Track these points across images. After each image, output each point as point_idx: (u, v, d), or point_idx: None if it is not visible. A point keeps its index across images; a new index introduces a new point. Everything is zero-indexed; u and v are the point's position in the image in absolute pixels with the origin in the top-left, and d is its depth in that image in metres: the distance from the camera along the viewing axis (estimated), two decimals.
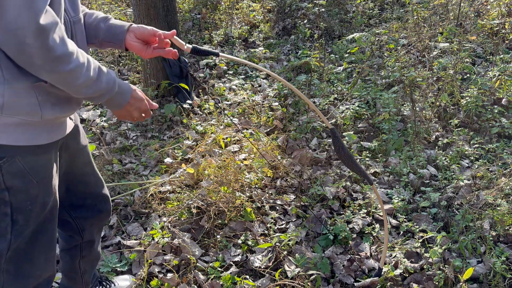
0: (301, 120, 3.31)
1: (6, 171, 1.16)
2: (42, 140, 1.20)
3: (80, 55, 1.12)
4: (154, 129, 3.45)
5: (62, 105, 1.20)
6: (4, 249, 1.25)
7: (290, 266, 2.06)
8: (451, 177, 2.65)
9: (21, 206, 1.22)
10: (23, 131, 1.14)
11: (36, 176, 1.22)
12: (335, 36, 5.20)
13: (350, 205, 2.47)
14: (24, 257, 1.31)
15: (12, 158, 1.15)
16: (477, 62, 4.07)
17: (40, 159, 1.22)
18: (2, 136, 1.12)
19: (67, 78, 1.10)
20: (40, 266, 1.37)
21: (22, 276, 1.33)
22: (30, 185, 1.21)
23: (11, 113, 1.10)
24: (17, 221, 1.23)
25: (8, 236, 1.23)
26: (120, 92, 1.26)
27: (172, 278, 1.99)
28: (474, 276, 1.97)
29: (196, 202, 2.43)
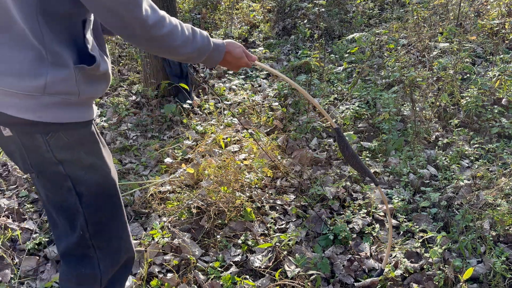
0: (301, 120, 3.31)
1: (54, 146, 1.23)
2: (80, 117, 1.26)
3: (172, 19, 1.23)
4: (154, 129, 3.45)
5: (95, 85, 1.27)
6: (83, 223, 1.34)
7: (290, 266, 2.06)
8: (451, 177, 2.65)
9: (78, 176, 1.30)
10: (63, 109, 1.21)
11: (83, 147, 1.29)
12: (335, 36, 5.20)
13: (350, 205, 2.47)
14: (108, 230, 1.42)
15: (56, 133, 1.22)
16: (477, 62, 4.07)
17: (82, 132, 1.29)
18: (45, 115, 1.18)
19: (165, 41, 1.21)
20: (127, 240, 1.49)
21: (114, 250, 1.45)
22: (80, 156, 1.29)
23: (52, 92, 1.16)
24: (81, 193, 1.32)
25: (81, 209, 1.33)
26: (216, 48, 1.38)
27: (172, 278, 1.99)
28: (474, 276, 1.97)
29: (196, 202, 2.43)
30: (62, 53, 1.15)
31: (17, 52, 1.12)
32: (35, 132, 1.20)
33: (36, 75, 1.13)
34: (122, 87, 4.12)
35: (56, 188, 1.30)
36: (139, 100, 3.85)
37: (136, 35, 1.16)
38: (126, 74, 4.41)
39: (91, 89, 1.26)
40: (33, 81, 1.13)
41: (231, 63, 1.50)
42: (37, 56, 1.12)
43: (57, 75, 1.15)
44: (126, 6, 1.09)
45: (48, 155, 1.24)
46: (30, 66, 1.12)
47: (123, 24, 1.13)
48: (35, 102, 1.16)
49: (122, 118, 3.59)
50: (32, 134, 1.21)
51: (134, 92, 3.99)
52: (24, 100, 1.15)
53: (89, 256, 1.40)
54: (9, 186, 2.74)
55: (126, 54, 4.59)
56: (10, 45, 1.11)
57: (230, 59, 1.48)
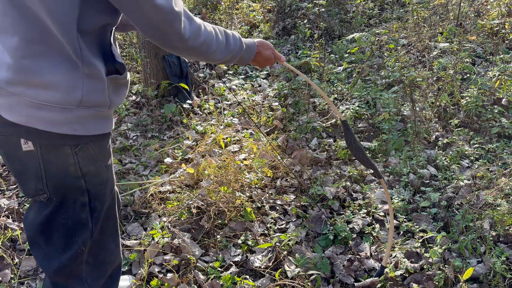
0: (301, 120, 3.30)
1: (81, 158, 1.23)
2: (107, 128, 1.28)
3: (207, 26, 1.27)
4: (154, 129, 3.45)
5: (121, 94, 1.29)
6: (87, 238, 1.33)
7: (290, 266, 2.06)
8: (451, 177, 2.65)
9: (97, 191, 1.30)
10: (95, 121, 1.21)
11: (104, 160, 1.30)
12: (335, 36, 5.20)
13: (350, 205, 2.47)
14: (98, 245, 1.40)
15: (86, 145, 1.22)
16: (477, 62, 4.07)
17: (105, 144, 1.30)
18: (79, 128, 1.18)
19: (202, 50, 1.25)
20: (113, 252, 1.47)
21: (100, 264, 1.43)
22: (101, 170, 1.30)
23: (87, 105, 1.16)
24: (95, 208, 1.32)
25: (90, 225, 1.32)
26: (247, 49, 1.44)
27: (172, 278, 1.99)
28: (474, 276, 1.97)
29: (196, 202, 2.43)
30: (96, 65, 1.15)
31: (54, 65, 1.10)
32: (64, 145, 1.18)
33: (73, 88, 1.12)
34: None
35: (68, 205, 1.27)
36: (139, 100, 3.86)
37: (175, 47, 1.20)
38: None
39: (118, 98, 1.28)
40: (70, 94, 1.12)
41: (259, 62, 1.56)
42: (74, 69, 1.11)
43: (93, 87, 1.15)
44: (169, 22, 1.12)
45: (73, 168, 1.22)
46: (67, 79, 1.11)
47: (164, 37, 1.16)
48: (70, 115, 1.14)
49: (122, 118, 3.59)
50: (59, 148, 1.19)
51: (134, 92, 3.99)
52: (59, 114, 1.13)
53: (79, 272, 1.37)
54: (9, 186, 2.74)
55: (126, 54, 4.59)
56: (46, 57, 1.10)
57: (259, 59, 1.54)
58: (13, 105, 1.12)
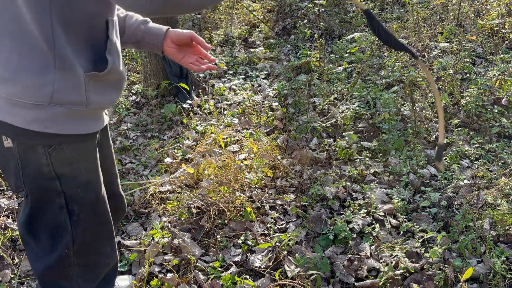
0: (301, 120, 3.30)
1: (55, 159, 1.18)
2: (87, 129, 1.21)
3: None
4: (154, 129, 3.45)
5: (107, 94, 1.21)
6: (69, 242, 1.28)
7: (290, 266, 2.06)
8: (451, 177, 2.65)
9: (73, 194, 1.24)
10: (69, 120, 1.15)
11: (84, 163, 1.24)
12: (335, 36, 5.20)
13: (350, 205, 2.47)
14: (91, 249, 1.36)
15: (60, 145, 1.17)
16: (477, 62, 4.07)
17: (86, 146, 1.23)
18: (51, 125, 1.13)
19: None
20: (108, 255, 1.43)
21: (93, 267, 1.39)
22: (79, 172, 1.23)
23: (59, 102, 1.10)
24: (73, 211, 1.26)
25: (69, 228, 1.27)
26: None
27: (172, 278, 1.99)
28: (474, 276, 1.97)
29: (196, 202, 2.43)
30: (72, 58, 1.08)
31: (25, 59, 1.06)
32: (37, 144, 1.15)
33: (43, 83, 1.07)
34: None
35: (46, 206, 1.24)
36: (139, 100, 3.86)
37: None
38: (126, 74, 4.40)
39: (102, 98, 1.19)
40: (40, 90, 1.07)
41: None
42: (45, 63, 1.06)
43: (65, 83, 1.09)
44: None
45: (47, 169, 1.18)
46: (37, 74, 1.06)
47: None
48: (42, 112, 1.10)
49: (122, 118, 3.59)
50: (33, 147, 1.15)
51: (134, 92, 3.99)
52: (31, 110, 1.10)
53: (68, 274, 1.34)
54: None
55: (126, 54, 4.59)
56: (19, 51, 1.05)
57: None
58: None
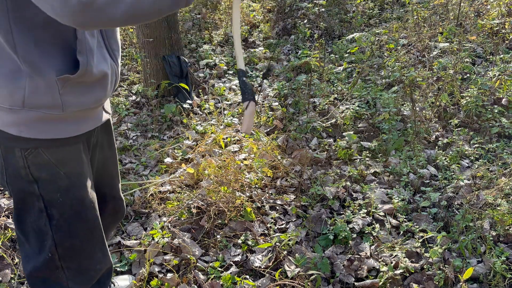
0: (301, 120, 3.30)
1: (31, 163, 1.16)
2: (66, 133, 1.18)
3: None
4: (154, 129, 3.45)
5: (87, 95, 1.17)
6: (52, 245, 1.27)
7: (290, 266, 2.06)
8: (451, 177, 2.65)
9: (52, 198, 1.22)
10: (45, 124, 1.13)
11: (63, 167, 1.21)
12: (335, 36, 5.20)
13: (350, 205, 2.46)
14: (80, 253, 1.34)
15: (36, 149, 1.15)
16: (477, 62, 4.07)
17: (67, 150, 1.21)
18: (25, 130, 1.12)
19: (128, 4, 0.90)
20: (99, 260, 1.41)
21: (84, 271, 1.37)
22: (58, 177, 1.21)
23: (32, 106, 1.09)
24: (52, 216, 1.24)
25: (50, 232, 1.25)
26: None
27: (172, 278, 1.99)
28: (474, 276, 1.97)
29: (196, 202, 2.43)
30: (40, 63, 1.06)
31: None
32: (15, 146, 1.15)
33: (14, 88, 1.06)
34: (122, 87, 4.12)
35: (27, 207, 1.23)
36: (139, 100, 3.86)
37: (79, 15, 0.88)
38: (126, 74, 4.41)
39: (83, 99, 1.16)
40: (12, 94, 1.07)
41: None
42: (15, 68, 1.05)
43: (36, 87, 1.07)
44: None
45: (24, 171, 1.17)
46: (8, 78, 1.05)
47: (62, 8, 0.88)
48: (16, 116, 1.10)
49: (122, 118, 3.59)
50: (12, 148, 1.15)
51: (134, 92, 3.99)
52: (6, 114, 1.10)
53: (57, 276, 1.32)
54: None
55: (126, 54, 4.59)
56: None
57: None
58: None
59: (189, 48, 4.94)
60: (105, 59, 1.20)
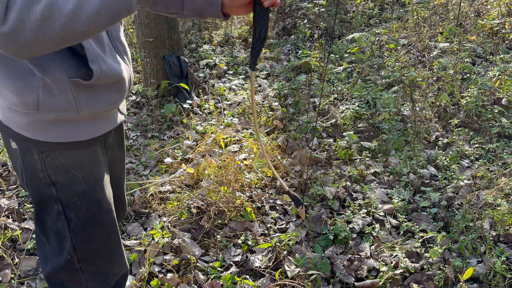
0: (301, 120, 3.30)
1: (49, 166, 1.17)
2: (82, 136, 1.18)
3: None
4: (154, 129, 3.45)
5: (102, 99, 1.16)
6: (70, 248, 1.28)
7: (290, 266, 2.06)
8: (451, 177, 2.65)
9: (70, 201, 1.23)
10: (60, 127, 1.13)
11: (81, 170, 1.21)
12: (335, 36, 5.20)
13: (350, 205, 2.46)
14: (99, 257, 1.36)
15: (53, 152, 1.16)
16: (477, 62, 4.07)
17: (84, 153, 1.21)
18: (39, 133, 1.13)
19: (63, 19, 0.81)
20: (117, 263, 1.42)
21: (103, 274, 1.39)
22: (75, 180, 1.21)
23: (47, 109, 1.09)
24: (70, 219, 1.24)
25: (68, 235, 1.26)
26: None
27: (172, 278, 1.99)
28: (474, 276, 1.97)
29: (196, 202, 2.43)
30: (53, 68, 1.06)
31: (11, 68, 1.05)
32: (33, 149, 1.15)
33: (29, 92, 1.07)
34: None
35: (46, 209, 1.24)
36: (139, 100, 3.85)
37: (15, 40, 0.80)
38: None
39: (98, 103, 1.16)
40: (26, 98, 1.07)
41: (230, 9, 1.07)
42: (27, 72, 1.06)
43: (51, 90, 1.08)
44: None
45: (42, 174, 1.18)
46: (23, 82, 1.06)
47: None
48: (31, 120, 1.11)
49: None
50: (30, 151, 1.16)
51: (134, 92, 3.99)
52: (22, 118, 1.11)
53: (77, 278, 1.33)
54: (9, 186, 2.74)
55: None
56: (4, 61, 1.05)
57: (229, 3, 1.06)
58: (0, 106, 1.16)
59: (189, 48, 4.94)
60: (118, 63, 1.19)
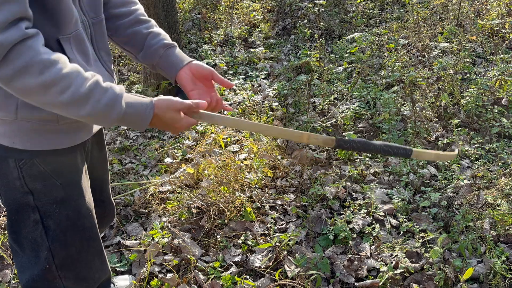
0: (301, 120, 3.30)
1: (26, 174, 1.14)
2: (62, 144, 1.16)
3: (67, 66, 0.97)
4: (154, 129, 3.45)
5: None
6: (49, 257, 1.24)
7: (290, 266, 2.06)
8: (451, 177, 2.65)
9: (48, 210, 1.20)
10: (39, 136, 1.12)
11: (60, 178, 1.19)
12: (335, 36, 5.20)
13: (350, 205, 2.46)
14: (80, 263, 1.32)
15: (30, 160, 1.13)
16: (477, 62, 4.07)
17: (63, 160, 1.19)
18: (18, 141, 1.11)
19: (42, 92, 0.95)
20: (98, 269, 1.38)
21: (82, 280, 1.35)
22: (54, 188, 1.19)
23: (25, 117, 1.08)
24: (49, 227, 1.21)
25: (46, 243, 1.23)
26: (133, 112, 1.08)
27: (172, 278, 1.99)
28: (474, 276, 1.97)
29: (196, 202, 2.43)
30: None
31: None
32: (8, 157, 1.13)
33: (6, 100, 1.05)
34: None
35: (23, 219, 1.21)
36: None
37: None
38: (126, 74, 4.41)
39: None
40: (5, 105, 1.06)
41: (159, 126, 1.17)
42: None
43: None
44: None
45: (18, 182, 1.15)
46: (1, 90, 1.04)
47: None
48: (8, 128, 1.09)
49: None
50: (6, 159, 1.13)
51: (134, 92, 3.99)
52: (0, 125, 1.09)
53: (55, 286, 1.30)
54: None
55: (126, 54, 4.58)
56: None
57: (157, 123, 1.15)
58: None
59: (189, 48, 4.94)
60: (102, 74, 1.19)
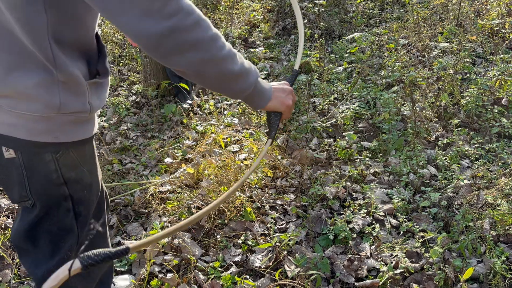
0: (301, 120, 3.30)
1: (62, 164, 1.20)
2: (89, 133, 1.24)
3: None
4: (154, 129, 3.45)
5: (102, 96, 1.25)
6: (74, 243, 1.30)
7: (290, 266, 2.06)
8: (451, 177, 2.65)
9: (80, 196, 1.27)
10: (76, 127, 1.19)
11: (86, 165, 1.27)
12: (335, 36, 5.20)
13: (350, 205, 2.46)
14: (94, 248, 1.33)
15: (66, 151, 1.19)
16: (477, 62, 4.07)
17: (87, 149, 1.27)
18: (60, 135, 1.16)
19: (222, 65, 1.04)
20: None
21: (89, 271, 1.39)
22: (83, 175, 1.26)
23: (67, 111, 1.13)
24: (80, 213, 1.29)
25: (75, 229, 1.29)
26: (261, 90, 1.21)
27: (172, 278, 1.99)
28: (474, 276, 1.97)
29: (196, 202, 2.43)
30: (74, 71, 1.10)
31: (26, 74, 1.06)
32: (44, 152, 1.16)
33: (49, 96, 1.08)
34: (122, 87, 4.12)
35: (53, 211, 1.25)
36: (139, 100, 3.85)
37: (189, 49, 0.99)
38: (126, 74, 4.41)
39: (100, 101, 1.24)
40: (47, 102, 1.09)
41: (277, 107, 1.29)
42: (48, 76, 1.07)
43: (70, 93, 1.11)
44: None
45: (55, 175, 1.20)
46: (42, 88, 1.07)
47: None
48: (51, 123, 1.12)
49: (122, 118, 3.59)
50: (40, 155, 1.16)
51: (134, 92, 3.99)
52: (39, 123, 1.11)
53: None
54: None
55: (126, 54, 4.59)
56: (18, 67, 1.06)
57: (276, 104, 1.28)
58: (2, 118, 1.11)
59: None
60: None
